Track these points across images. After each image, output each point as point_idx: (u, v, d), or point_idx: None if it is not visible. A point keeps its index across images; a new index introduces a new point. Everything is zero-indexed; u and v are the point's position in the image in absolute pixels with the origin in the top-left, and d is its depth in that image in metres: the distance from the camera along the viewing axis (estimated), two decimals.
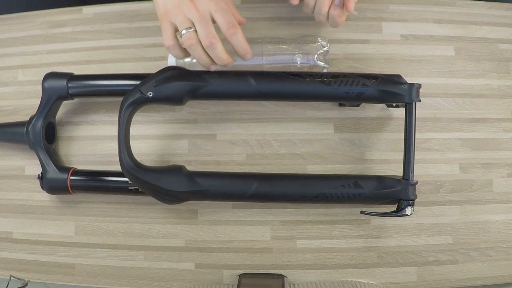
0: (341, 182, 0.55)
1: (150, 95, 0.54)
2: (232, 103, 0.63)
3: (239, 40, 0.50)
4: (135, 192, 0.58)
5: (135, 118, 0.57)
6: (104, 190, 0.61)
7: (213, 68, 0.54)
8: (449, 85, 0.64)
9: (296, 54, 0.59)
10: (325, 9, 0.54)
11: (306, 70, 0.60)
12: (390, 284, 0.60)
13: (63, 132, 0.65)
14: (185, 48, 0.52)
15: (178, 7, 0.49)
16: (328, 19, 0.56)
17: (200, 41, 0.50)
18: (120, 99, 0.55)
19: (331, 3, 0.54)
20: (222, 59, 0.51)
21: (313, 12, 0.56)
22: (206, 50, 0.50)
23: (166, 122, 0.64)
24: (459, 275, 0.60)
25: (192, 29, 0.49)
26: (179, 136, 0.64)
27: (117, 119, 0.54)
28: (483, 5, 0.66)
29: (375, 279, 0.60)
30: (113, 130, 0.55)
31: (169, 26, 0.50)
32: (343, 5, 0.54)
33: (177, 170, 0.56)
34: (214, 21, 0.50)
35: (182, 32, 0.49)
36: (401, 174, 0.55)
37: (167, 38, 0.51)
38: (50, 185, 0.59)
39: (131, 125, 0.56)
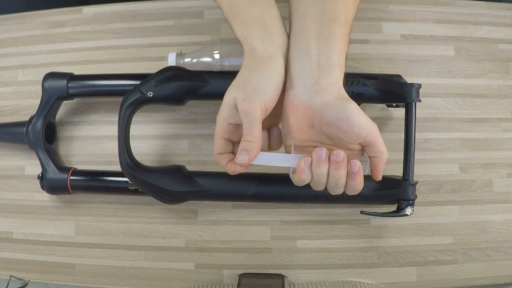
0: None
1: (150, 95, 0.54)
2: None
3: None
4: (135, 192, 0.58)
5: (135, 118, 0.57)
6: (104, 190, 0.61)
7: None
8: (449, 85, 0.64)
9: None
10: (342, 181, 0.47)
11: None
12: (390, 284, 0.60)
13: (63, 132, 0.65)
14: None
15: None
16: (345, 189, 0.49)
17: None
18: (120, 99, 0.55)
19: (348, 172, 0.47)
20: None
21: (325, 188, 0.49)
22: None
23: (166, 122, 0.64)
24: (459, 275, 0.60)
25: None
26: (179, 136, 0.64)
27: (117, 119, 0.54)
28: (483, 5, 0.66)
29: (375, 279, 0.60)
30: (113, 130, 0.55)
31: None
32: (360, 169, 0.47)
33: (177, 170, 0.56)
34: None
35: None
36: (401, 174, 0.55)
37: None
38: (50, 185, 0.59)
39: (131, 125, 0.56)
